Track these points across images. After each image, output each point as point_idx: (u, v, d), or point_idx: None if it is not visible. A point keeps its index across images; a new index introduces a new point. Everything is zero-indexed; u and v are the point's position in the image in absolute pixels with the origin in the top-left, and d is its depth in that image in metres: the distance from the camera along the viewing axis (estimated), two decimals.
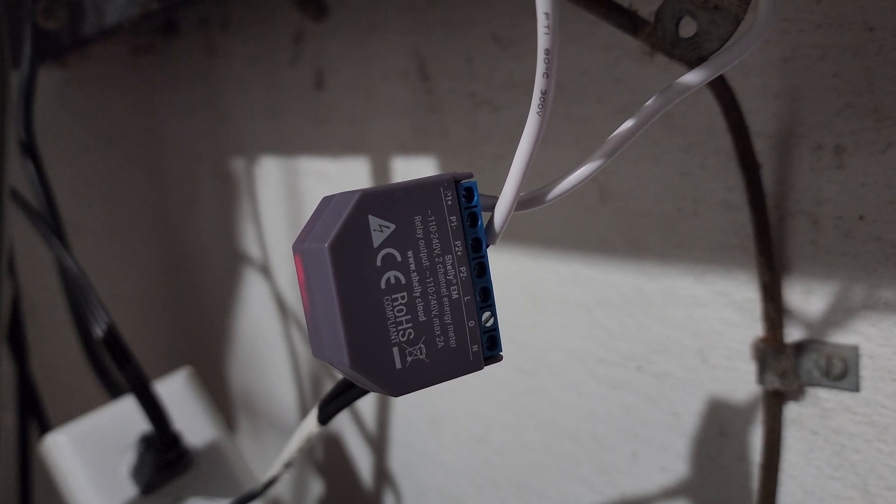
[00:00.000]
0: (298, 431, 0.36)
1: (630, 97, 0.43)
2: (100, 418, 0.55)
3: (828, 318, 0.37)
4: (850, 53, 0.34)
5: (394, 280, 0.23)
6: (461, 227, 0.24)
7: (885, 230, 0.34)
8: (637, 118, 0.25)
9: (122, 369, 0.48)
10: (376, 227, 0.22)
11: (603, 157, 0.25)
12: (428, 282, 0.23)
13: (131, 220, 0.86)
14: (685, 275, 0.42)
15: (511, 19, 0.48)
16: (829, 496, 0.38)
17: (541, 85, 0.22)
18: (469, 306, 0.24)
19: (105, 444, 0.54)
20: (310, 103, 0.67)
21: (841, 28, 0.34)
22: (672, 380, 0.44)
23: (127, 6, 0.52)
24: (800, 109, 0.36)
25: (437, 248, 0.23)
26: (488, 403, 0.56)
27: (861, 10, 0.33)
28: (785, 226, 0.37)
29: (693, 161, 0.41)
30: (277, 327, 0.78)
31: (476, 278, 0.24)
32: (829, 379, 0.37)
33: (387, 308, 0.22)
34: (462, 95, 0.53)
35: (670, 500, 0.46)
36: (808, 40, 0.35)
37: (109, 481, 0.53)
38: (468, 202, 0.24)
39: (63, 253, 0.50)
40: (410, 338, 0.23)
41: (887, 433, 0.36)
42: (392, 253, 0.22)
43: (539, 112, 0.23)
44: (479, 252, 0.24)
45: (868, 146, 0.34)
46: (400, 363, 0.23)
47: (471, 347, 0.24)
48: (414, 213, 0.23)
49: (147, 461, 0.52)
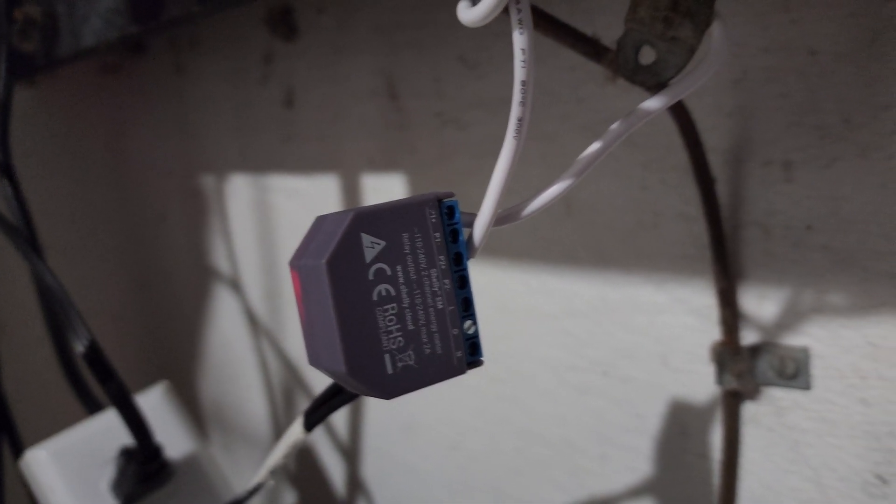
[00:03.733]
0: (284, 439, 0.38)
1: (592, 116, 0.45)
2: (79, 434, 0.56)
3: (780, 322, 0.39)
4: (796, 75, 0.37)
5: (385, 292, 0.24)
6: (444, 243, 0.26)
7: (830, 239, 0.37)
8: (603, 141, 0.27)
9: (104, 384, 0.49)
10: (368, 244, 0.24)
11: (572, 176, 0.27)
12: (416, 293, 0.25)
13: (100, 238, 0.86)
14: (647, 283, 0.45)
15: (478, 41, 0.51)
16: (785, 489, 0.41)
17: (517, 112, 0.24)
18: (453, 316, 0.26)
19: (85, 458, 0.55)
20: (279, 121, 0.68)
21: (786, 52, 0.37)
22: (636, 383, 0.46)
23: (104, 29, 0.53)
24: (750, 127, 0.39)
25: (422, 262, 0.25)
26: (463, 411, 0.58)
27: (804, 35, 0.36)
28: (739, 236, 0.40)
29: (653, 176, 0.43)
30: (248, 341, 0.79)
31: (458, 290, 0.26)
32: (782, 378, 0.39)
33: (379, 318, 0.24)
34: (430, 114, 0.55)
35: (638, 498, 0.48)
36: (757, 63, 0.38)
37: (90, 496, 0.54)
38: (450, 219, 0.26)
39: (44, 269, 0.51)
40: (400, 345, 0.25)
41: (837, 428, 0.38)
42: (383, 267, 0.24)
43: (515, 137, 0.25)
44: (460, 265, 0.26)
45: (814, 161, 0.37)
46: (391, 369, 0.24)
47: (455, 353, 0.26)
48: (402, 230, 0.25)
49: (128, 474, 0.52)
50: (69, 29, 0.58)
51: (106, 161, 0.87)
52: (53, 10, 0.60)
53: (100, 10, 0.54)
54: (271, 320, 0.76)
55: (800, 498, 0.40)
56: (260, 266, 0.75)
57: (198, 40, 0.76)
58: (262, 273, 0.75)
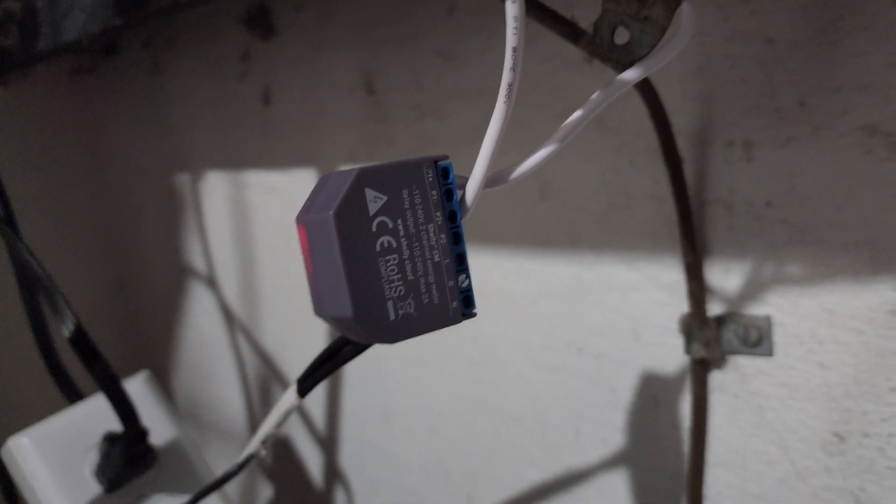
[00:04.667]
0: (277, 407, 0.39)
1: (567, 103, 0.48)
2: (61, 421, 0.56)
3: (744, 293, 0.42)
4: (755, 62, 0.40)
5: (387, 244, 0.26)
6: (440, 201, 0.28)
7: (788, 213, 0.40)
8: (584, 109, 0.29)
9: (90, 367, 0.50)
10: (371, 199, 0.26)
11: (556, 142, 0.29)
12: (415, 246, 0.27)
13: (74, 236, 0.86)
14: (619, 262, 0.47)
15: (455, 36, 0.53)
16: (750, 452, 0.43)
17: (507, 78, 0.26)
18: (448, 268, 0.28)
19: (68, 445, 0.55)
20: (257, 117, 0.70)
21: (746, 41, 0.40)
22: (609, 359, 0.49)
23: (87, 22, 0.54)
24: (714, 111, 0.42)
25: (421, 217, 0.27)
26: (439, 396, 0.60)
27: (763, 25, 0.39)
28: (704, 213, 0.43)
29: (624, 159, 0.46)
30: (224, 338, 0.80)
31: (453, 245, 0.28)
32: (746, 346, 0.42)
33: (381, 268, 0.26)
34: (408, 106, 0.57)
35: (611, 470, 0.50)
36: (720, 51, 0.41)
37: (73, 481, 0.54)
38: (444, 180, 0.28)
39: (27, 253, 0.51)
40: (401, 294, 0.27)
41: (797, 392, 0.41)
42: (385, 220, 0.26)
43: (505, 101, 0.27)
44: (454, 223, 0.28)
45: (772, 141, 0.40)
46: (393, 315, 0.26)
47: (451, 304, 0.28)
48: (402, 187, 0.27)
49: (113, 458, 0.53)
50: (49, 23, 0.59)
51: (80, 160, 0.87)
52: (33, 4, 0.60)
53: (83, 3, 0.55)
54: (247, 316, 0.77)
55: (764, 460, 0.43)
56: (236, 262, 0.76)
57: (174, 40, 0.77)
58: (238, 269, 0.76)
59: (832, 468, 0.40)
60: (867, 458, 0.39)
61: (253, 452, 0.43)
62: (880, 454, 0.38)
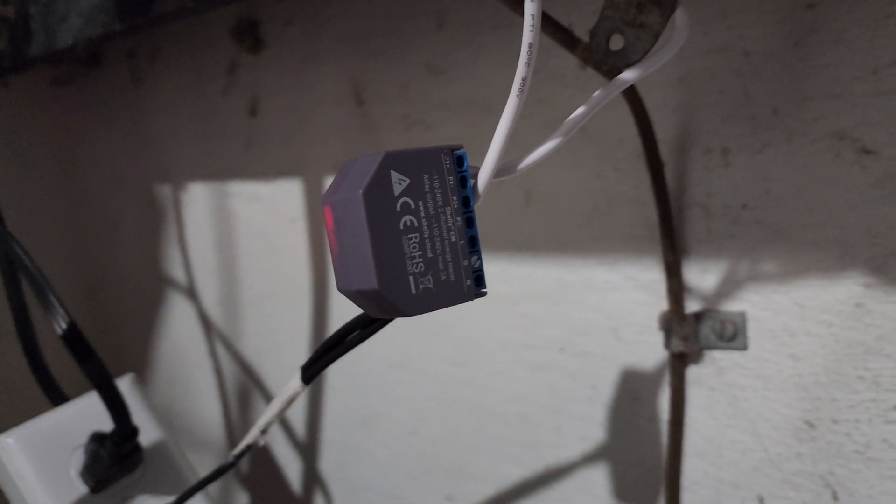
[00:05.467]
0: (279, 395, 0.40)
1: (551, 114, 0.50)
2: (47, 421, 0.56)
3: (720, 291, 0.45)
4: (732, 74, 0.43)
5: (409, 223, 0.28)
6: (456, 186, 0.30)
7: (763, 215, 0.43)
8: (587, 106, 0.32)
9: (83, 364, 0.50)
10: (396, 181, 0.28)
11: (561, 135, 0.32)
12: (434, 226, 0.29)
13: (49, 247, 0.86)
14: (600, 264, 0.50)
15: (444, 50, 0.55)
16: (726, 442, 0.46)
17: (522, 72, 0.29)
18: (463, 249, 0.30)
19: (54, 446, 0.56)
20: (243, 129, 0.71)
21: (724, 54, 0.43)
22: (590, 357, 0.51)
23: (85, 27, 0.56)
24: (693, 120, 0.44)
25: (439, 200, 0.29)
26: (422, 397, 0.61)
27: (740, 39, 0.42)
28: (683, 216, 0.45)
29: (607, 166, 0.48)
30: (202, 346, 0.80)
31: (466, 228, 0.30)
32: (722, 341, 0.45)
33: (404, 244, 0.28)
34: (396, 117, 0.59)
35: (591, 464, 0.52)
36: (699, 64, 0.44)
37: (59, 482, 0.54)
38: (459, 168, 0.30)
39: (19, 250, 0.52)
40: (421, 270, 0.28)
41: (770, 382, 0.44)
42: (408, 201, 0.28)
43: (518, 95, 0.29)
44: (468, 207, 0.30)
45: (748, 148, 0.43)
46: (414, 289, 0.28)
47: (465, 282, 0.30)
48: (423, 171, 0.29)
49: (100, 458, 0.54)
50: (43, 28, 0.60)
51: (56, 170, 0.87)
52: (26, 9, 0.61)
53: (80, 9, 0.56)
54: (227, 324, 0.77)
55: (739, 448, 0.45)
56: (217, 271, 0.77)
57: (158, 52, 0.78)
58: (218, 278, 0.77)
59: (803, 454, 0.43)
60: (836, 444, 0.42)
61: (251, 442, 0.44)
62: (848, 439, 0.41)
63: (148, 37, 0.78)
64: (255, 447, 0.45)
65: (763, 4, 0.41)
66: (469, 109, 0.55)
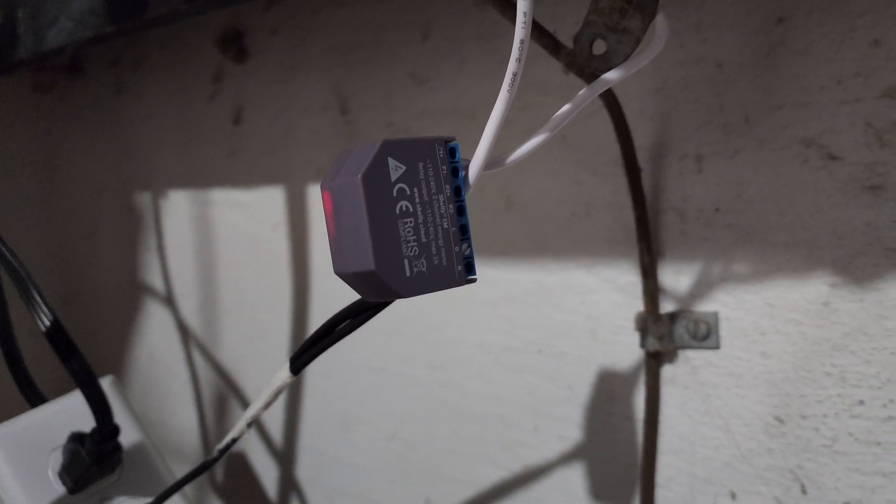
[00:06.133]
0: (267, 387, 0.41)
1: (533, 122, 0.52)
2: (25, 422, 0.56)
3: (694, 292, 0.47)
4: (706, 84, 0.45)
5: (404, 208, 0.29)
6: (449, 175, 0.31)
7: (735, 218, 0.45)
8: (572, 104, 0.34)
9: (66, 361, 0.50)
10: (393, 167, 0.29)
11: (548, 131, 0.33)
12: (427, 213, 0.30)
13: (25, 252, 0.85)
14: (579, 267, 0.51)
15: (428, 60, 0.57)
16: (699, 439, 0.47)
17: (513, 68, 0.30)
18: (455, 236, 0.31)
19: (31, 446, 0.56)
20: (227, 137, 0.72)
21: (698, 65, 0.45)
22: (568, 358, 0.52)
23: (75, 30, 0.56)
24: (669, 127, 0.46)
25: (433, 188, 0.30)
26: (401, 400, 0.62)
27: (713, 51, 0.44)
28: (659, 220, 0.47)
29: (586, 172, 0.50)
30: (179, 354, 0.80)
31: (457, 217, 0.31)
32: (696, 340, 0.46)
33: (400, 228, 0.29)
34: (381, 125, 0.61)
35: (568, 463, 0.53)
36: (674, 74, 0.46)
37: (37, 482, 0.54)
38: (451, 158, 0.32)
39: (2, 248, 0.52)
40: (416, 254, 0.30)
41: (742, 380, 0.45)
42: (403, 187, 0.30)
43: (509, 90, 0.31)
44: (459, 197, 0.32)
45: (720, 154, 0.45)
46: (409, 272, 0.29)
47: (456, 267, 0.31)
48: (419, 159, 0.30)
49: (80, 457, 0.54)
50: (31, 32, 0.61)
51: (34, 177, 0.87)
52: (14, 13, 0.62)
53: (71, 12, 0.57)
54: (205, 332, 0.78)
55: (712, 445, 0.47)
56: (195, 277, 0.78)
57: (142, 61, 0.79)
58: (197, 284, 0.77)
59: (773, 449, 0.44)
60: (804, 438, 0.43)
61: (237, 436, 0.45)
62: (816, 433, 0.43)
63: (132, 45, 0.79)
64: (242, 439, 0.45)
65: (735, 18, 0.43)
66: (452, 118, 0.56)
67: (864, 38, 0.39)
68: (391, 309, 0.38)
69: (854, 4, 0.40)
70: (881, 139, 0.39)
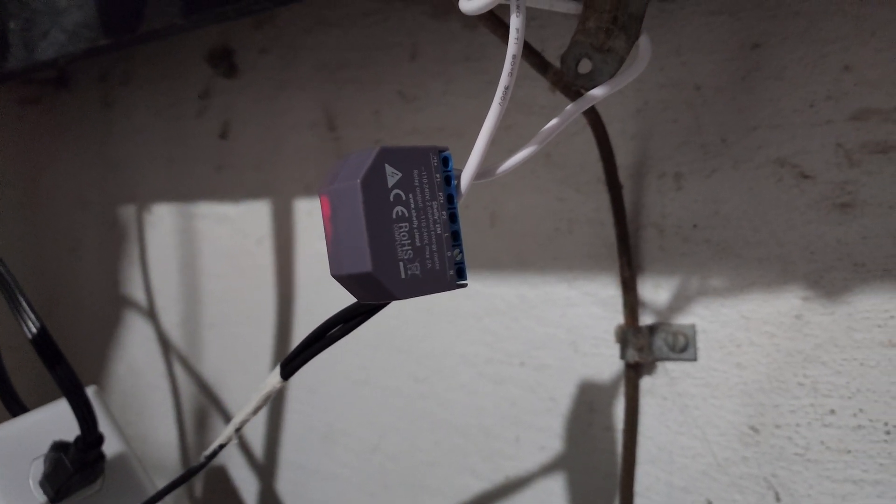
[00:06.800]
0: (257, 392, 0.42)
1: (517, 140, 0.54)
2: (6, 430, 0.56)
3: (672, 305, 0.48)
4: (685, 105, 0.47)
5: (400, 213, 0.31)
6: (443, 183, 0.32)
7: (712, 234, 0.46)
8: (559, 118, 0.35)
9: (53, 369, 0.51)
10: (390, 173, 0.31)
11: (536, 144, 0.35)
12: (422, 218, 0.31)
13: None
14: (560, 281, 0.53)
15: (416, 79, 0.59)
16: (676, 448, 0.49)
17: (505, 81, 0.32)
18: (448, 241, 0.32)
19: (12, 455, 0.55)
20: (213, 152, 0.73)
21: (677, 87, 0.47)
22: (550, 370, 0.54)
23: (69, 42, 0.57)
24: (649, 147, 0.48)
25: (427, 194, 0.32)
26: (383, 413, 0.63)
27: (691, 74, 0.46)
28: (639, 235, 0.49)
29: (569, 189, 0.52)
30: (160, 368, 0.81)
31: (450, 223, 0.33)
32: (674, 352, 0.48)
33: (395, 232, 0.30)
34: (368, 142, 0.62)
35: (549, 474, 0.54)
36: (655, 96, 0.48)
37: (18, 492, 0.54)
38: (444, 167, 0.33)
39: None
40: (410, 257, 0.31)
41: (718, 390, 0.47)
42: (399, 193, 0.31)
43: (500, 103, 0.32)
44: (451, 204, 0.33)
45: (698, 173, 0.46)
46: (404, 274, 0.31)
47: (448, 272, 0.32)
48: (414, 166, 0.31)
49: (62, 466, 0.54)
50: (21, 41, 0.62)
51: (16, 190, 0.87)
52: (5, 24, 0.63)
53: (64, 24, 0.58)
54: (187, 345, 0.78)
55: (689, 454, 0.48)
56: (179, 291, 0.78)
57: (130, 76, 0.80)
58: (180, 298, 0.78)
59: (748, 458, 0.46)
60: (778, 447, 0.45)
61: (225, 441, 0.45)
62: (789, 442, 0.44)
63: (121, 60, 0.80)
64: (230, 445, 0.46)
65: (713, 44, 0.45)
66: (440, 135, 0.58)
67: (835, 64, 0.42)
68: (375, 321, 0.39)
69: (825, 32, 0.42)
70: (851, 159, 0.41)
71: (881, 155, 0.41)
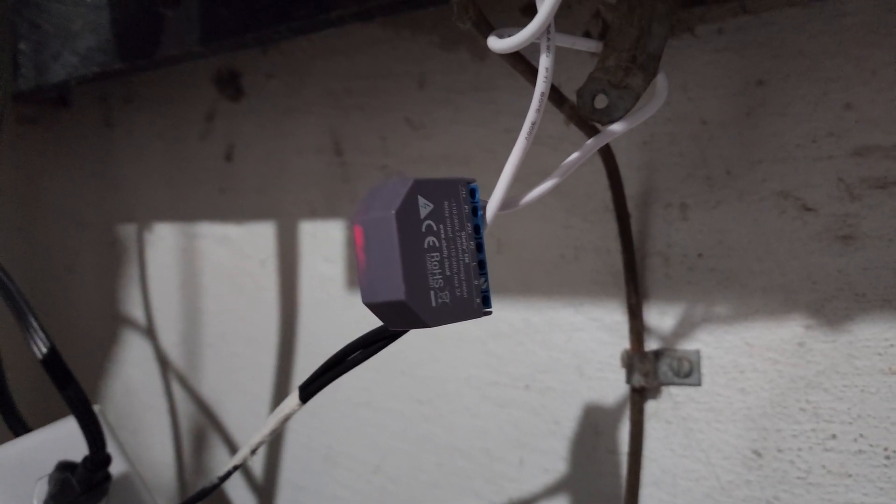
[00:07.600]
0: (274, 414, 0.42)
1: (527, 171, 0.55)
2: (9, 450, 0.56)
3: (677, 331, 0.49)
4: (690, 139, 0.48)
5: (431, 243, 0.32)
6: (470, 214, 0.34)
7: (717, 263, 0.48)
8: (580, 152, 0.36)
9: (63, 389, 0.51)
10: (422, 204, 0.32)
11: (558, 176, 0.36)
12: (451, 248, 0.33)
13: None
14: (566, 307, 0.54)
15: (424, 107, 0.60)
16: (680, 472, 0.50)
17: (532, 117, 0.33)
18: (475, 270, 0.33)
19: (17, 475, 0.56)
20: (217, 174, 0.74)
21: (683, 121, 0.48)
22: (554, 393, 0.55)
23: (81, 64, 0.58)
24: (655, 178, 0.50)
25: (456, 225, 0.33)
26: (385, 435, 0.64)
27: (698, 109, 0.48)
28: (645, 264, 0.50)
29: (575, 218, 0.53)
30: (158, 387, 0.81)
31: (477, 253, 0.34)
32: (679, 377, 0.49)
33: (427, 262, 0.32)
34: (375, 168, 0.63)
35: (552, 496, 0.55)
36: (661, 130, 0.49)
37: None
38: (472, 199, 0.34)
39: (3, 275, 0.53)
40: (441, 285, 0.32)
41: (722, 415, 0.48)
42: (431, 224, 0.32)
43: (527, 138, 0.34)
44: (478, 234, 0.34)
45: (704, 204, 0.48)
46: (434, 302, 0.32)
47: (475, 300, 0.34)
48: (444, 198, 0.33)
49: (69, 486, 0.54)
50: (31, 63, 0.62)
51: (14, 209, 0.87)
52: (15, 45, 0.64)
53: (77, 47, 0.59)
54: (185, 365, 0.78)
55: (693, 477, 0.49)
56: (178, 311, 0.78)
57: (132, 97, 0.81)
58: (179, 318, 0.78)
59: (751, 481, 0.47)
60: (780, 471, 0.46)
61: (238, 463, 0.46)
62: (791, 466, 0.46)
63: (124, 81, 0.81)
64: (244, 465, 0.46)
65: (719, 80, 0.47)
66: (446, 163, 0.59)
67: (837, 102, 0.43)
68: None
69: (828, 71, 0.44)
70: (852, 193, 0.43)
71: (881, 190, 0.42)
